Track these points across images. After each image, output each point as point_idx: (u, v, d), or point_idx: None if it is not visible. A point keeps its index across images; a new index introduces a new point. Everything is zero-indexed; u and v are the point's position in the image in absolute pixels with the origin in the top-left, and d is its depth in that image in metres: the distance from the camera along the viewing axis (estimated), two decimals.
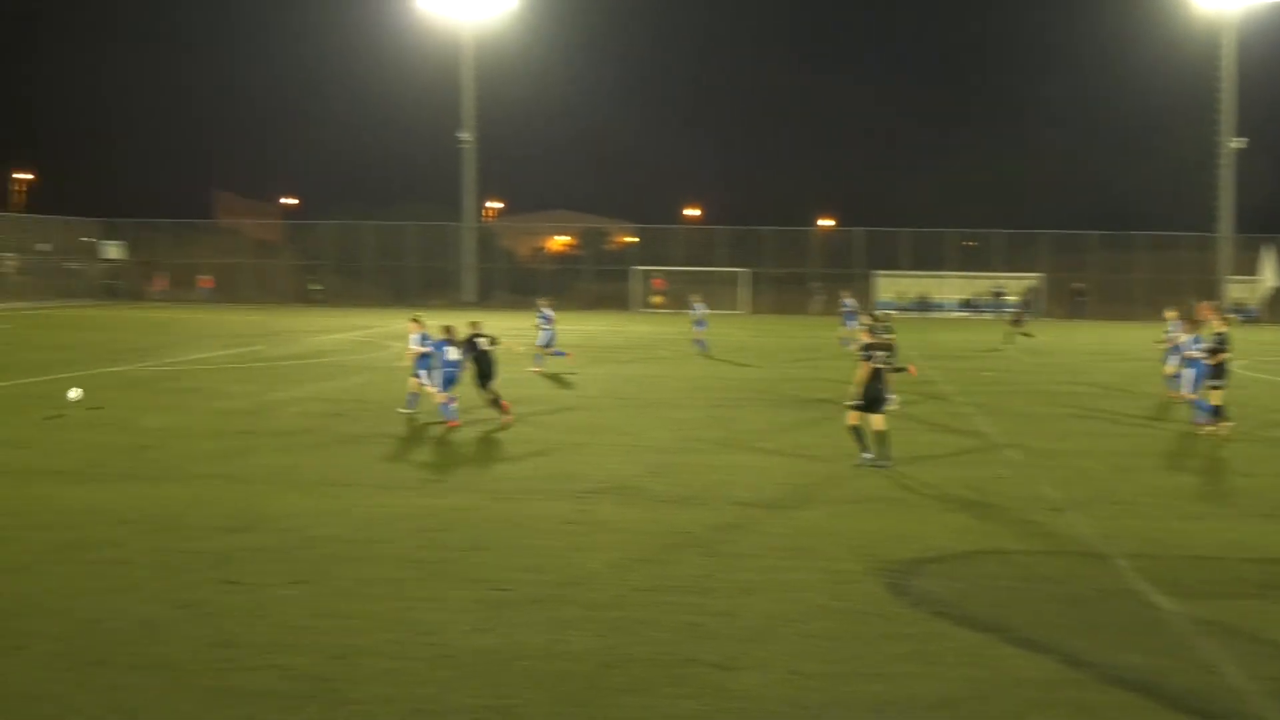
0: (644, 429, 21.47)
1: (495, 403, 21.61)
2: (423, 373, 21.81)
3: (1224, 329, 21.72)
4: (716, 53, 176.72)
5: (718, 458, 18.54)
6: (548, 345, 32.26)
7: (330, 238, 78.39)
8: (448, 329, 21.77)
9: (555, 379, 29.63)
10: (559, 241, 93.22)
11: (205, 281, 75.83)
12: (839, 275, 71.04)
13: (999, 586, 11.50)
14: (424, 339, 21.94)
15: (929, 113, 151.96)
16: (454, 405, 21.11)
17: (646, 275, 73.17)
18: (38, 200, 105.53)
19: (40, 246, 76.56)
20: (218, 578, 11.20)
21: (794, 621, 10.21)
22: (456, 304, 70.86)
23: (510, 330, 32.06)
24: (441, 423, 20.82)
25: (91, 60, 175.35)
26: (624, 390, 27.72)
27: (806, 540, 13.11)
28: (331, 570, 11.54)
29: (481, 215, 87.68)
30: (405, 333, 22.58)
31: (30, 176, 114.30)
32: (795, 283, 73.90)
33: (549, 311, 32.92)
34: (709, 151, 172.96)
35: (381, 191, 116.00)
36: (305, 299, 75.48)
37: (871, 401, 17.57)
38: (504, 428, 20.94)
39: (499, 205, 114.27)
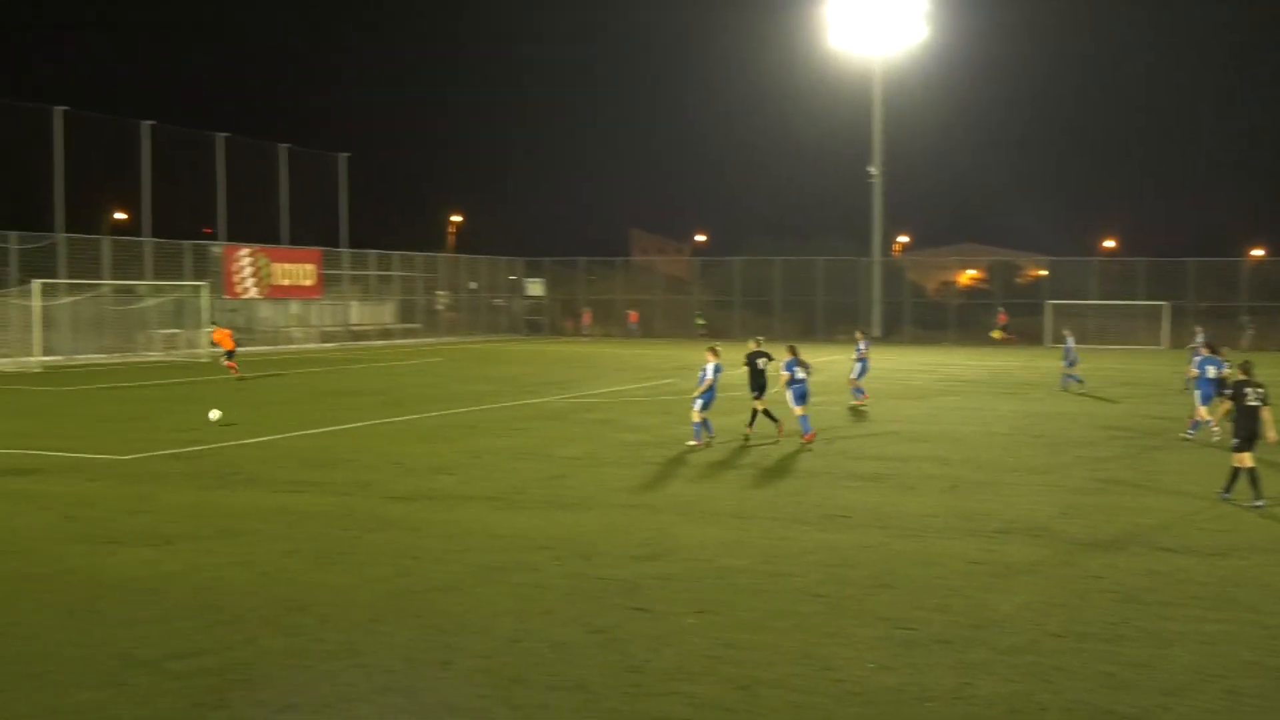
0: (1053, 466, 20.74)
1: (766, 413, 23.44)
2: (698, 403, 22.95)
3: None
4: (1130, 78, 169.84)
5: (1132, 499, 17.69)
6: (859, 377, 32.17)
7: (739, 273, 79.66)
8: (792, 348, 24.12)
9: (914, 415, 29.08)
10: (967, 275, 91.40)
11: (634, 316, 78.39)
12: (1273, 309, 66.63)
13: None
14: (717, 370, 22.94)
15: None
16: (808, 418, 23.55)
17: (1057, 310, 70.68)
18: (466, 240, 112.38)
19: (469, 284, 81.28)
20: (628, 604, 11.54)
21: (1219, 677, 9.60)
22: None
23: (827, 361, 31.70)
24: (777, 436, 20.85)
25: (512, 107, 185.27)
26: (1033, 427, 26.84)
27: (1233, 590, 12.32)
28: (736, 601, 11.69)
29: (890, 249, 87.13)
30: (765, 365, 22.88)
31: (459, 218, 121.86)
32: (1220, 316, 69.62)
33: (865, 344, 32.90)
34: (1126, 180, 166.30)
35: (791, 227, 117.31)
36: (692, 334, 76.92)
37: (1247, 439, 16.68)
38: (776, 442, 23.20)
39: (906, 239, 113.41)
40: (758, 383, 23.70)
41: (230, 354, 40.54)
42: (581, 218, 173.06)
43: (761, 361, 23.77)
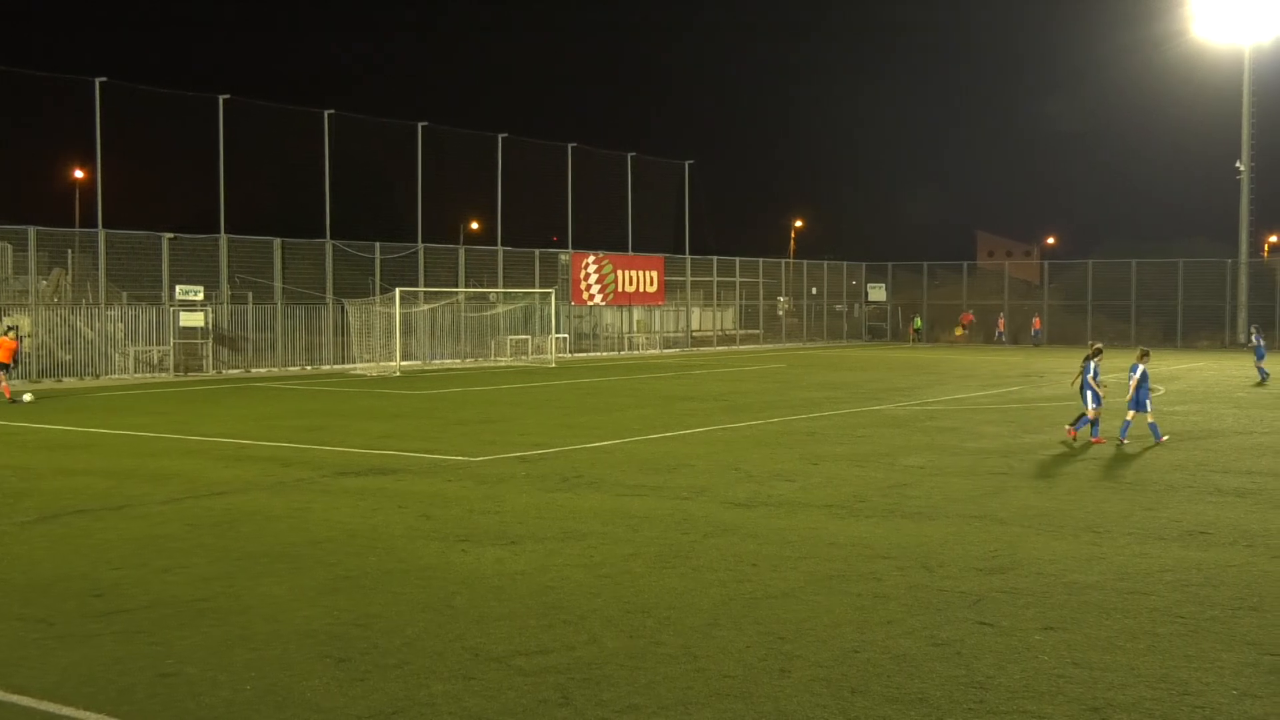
0: None
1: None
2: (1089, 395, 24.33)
3: None
4: None
5: None
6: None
7: (1091, 277, 76.73)
8: (1144, 353, 25.08)
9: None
10: None
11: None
12: None
13: None
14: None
15: None
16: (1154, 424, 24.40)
17: None
18: (808, 245, 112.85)
19: (811, 290, 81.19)
20: (972, 618, 11.19)
21: None
22: (1227, 345, 67.21)
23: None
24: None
25: (855, 112, 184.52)
26: None
27: None
28: (1087, 619, 11.17)
29: (1260, 250, 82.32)
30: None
31: (799, 223, 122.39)
32: None
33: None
34: None
35: (1152, 228, 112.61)
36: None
37: None
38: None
39: (1278, 239, 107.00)
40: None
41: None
42: (925, 221, 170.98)
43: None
